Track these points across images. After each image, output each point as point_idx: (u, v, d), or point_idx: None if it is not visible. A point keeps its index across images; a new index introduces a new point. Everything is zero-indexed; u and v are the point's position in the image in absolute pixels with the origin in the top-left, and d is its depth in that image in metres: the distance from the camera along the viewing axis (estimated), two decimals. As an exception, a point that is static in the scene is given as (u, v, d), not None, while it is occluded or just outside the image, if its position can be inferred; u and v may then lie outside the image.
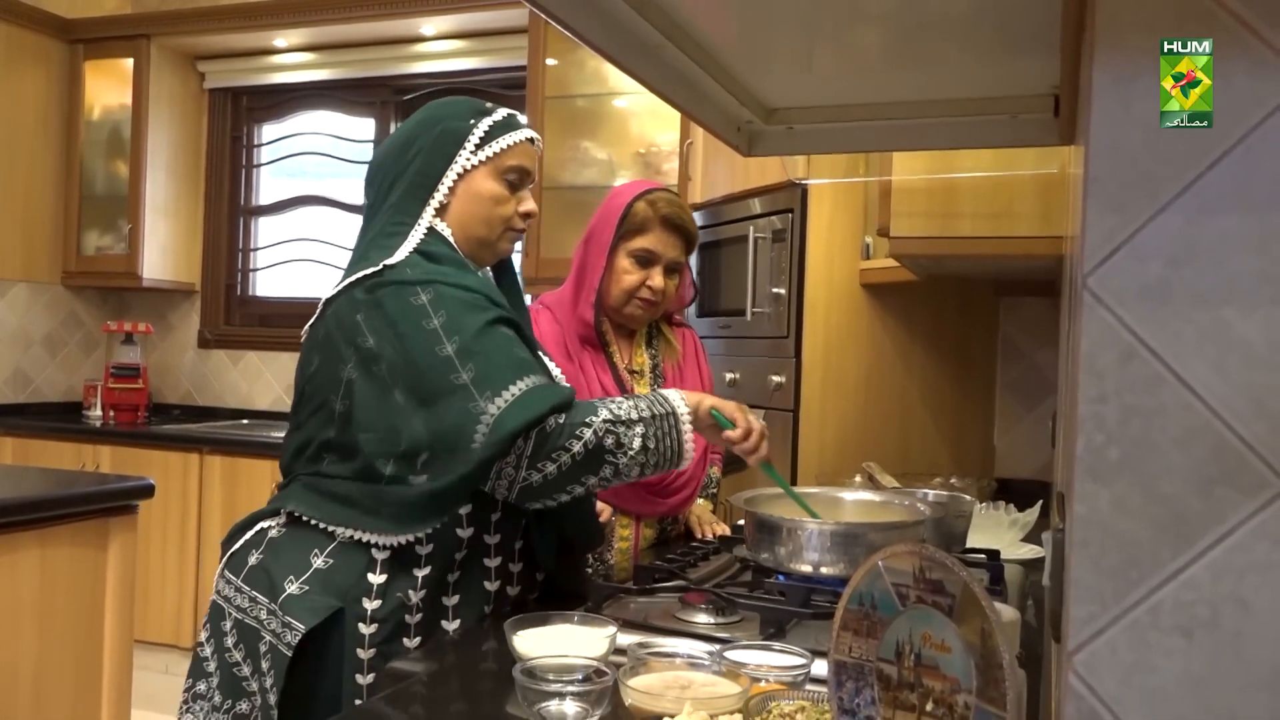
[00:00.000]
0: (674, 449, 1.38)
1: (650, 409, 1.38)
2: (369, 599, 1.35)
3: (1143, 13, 0.55)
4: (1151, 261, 0.54)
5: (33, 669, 2.03)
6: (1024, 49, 1.04)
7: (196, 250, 4.50)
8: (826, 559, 1.44)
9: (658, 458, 1.37)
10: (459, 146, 1.44)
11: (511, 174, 1.47)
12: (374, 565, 1.36)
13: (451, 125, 1.46)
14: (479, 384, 1.30)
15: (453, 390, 1.30)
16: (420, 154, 1.45)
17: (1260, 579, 0.52)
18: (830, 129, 1.31)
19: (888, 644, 0.74)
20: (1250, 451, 0.53)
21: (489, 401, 1.29)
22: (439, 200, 1.45)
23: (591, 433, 1.32)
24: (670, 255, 1.86)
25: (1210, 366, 0.53)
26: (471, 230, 1.47)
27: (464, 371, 1.30)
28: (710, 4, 0.95)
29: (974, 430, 2.66)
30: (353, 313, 1.37)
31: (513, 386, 1.30)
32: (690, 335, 2.08)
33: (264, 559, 1.41)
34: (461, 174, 1.45)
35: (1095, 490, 0.55)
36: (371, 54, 4.16)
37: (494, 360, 1.32)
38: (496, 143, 1.46)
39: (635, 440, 1.34)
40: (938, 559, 0.71)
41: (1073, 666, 0.55)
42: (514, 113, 1.52)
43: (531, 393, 1.31)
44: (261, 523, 1.46)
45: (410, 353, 1.33)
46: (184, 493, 3.72)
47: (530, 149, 1.50)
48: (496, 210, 1.47)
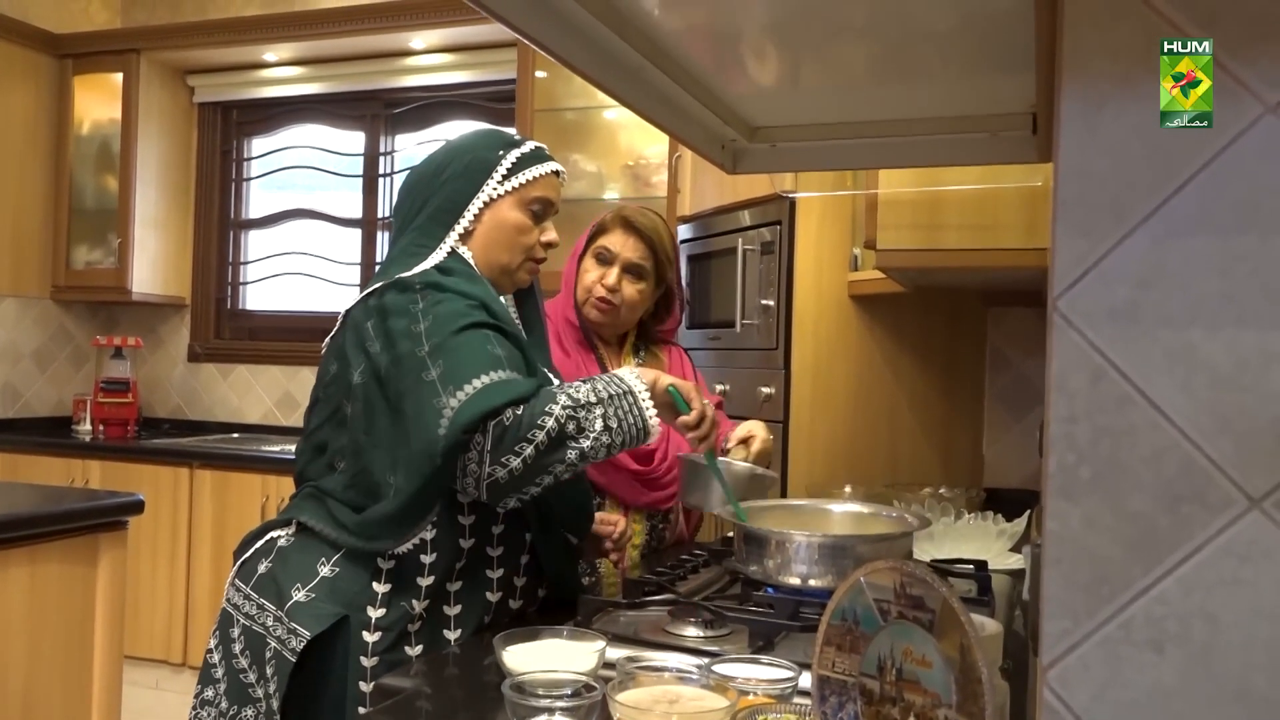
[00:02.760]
0: (638, 425, 1.40)
1: (607, 389, 1.39)
2: (373, 607, 1.39)
3: (1109, 41, 0.57)
4: (1119, 284, 0.56)
5: (22, 685, 2.02)
6: (1003, 67, 1.05)
7: (186, 264, 4.50)
8: (815, 571, 1.45)
9: (623, 435, 1.38)
10: (487, 176, 1.50)
11: (536, 204, 1.53)
12: (379, 574, 1.39)
13: (481, 155, 1.52)
14: (444, 379, 1.33)
15: (420, 386, 1.34)
16: (449, 181, 1.51)
17: (1228, 594, 0.54)
18: (814, 146, 1.33)
19: (870, 659, 0.75)
20: (1216, 470, 0.54)
21: (450, 396, 1.31)
22: (464, 226, 1.50)
23: (553, 420, 1.33)
24: (627, 255, 1.93)
25: (1177, 386, 0.55)
26: (493, 257, 1.52)
27: (433, 368, 1.34)
28: (691, 26, 0.97)
29: (963, 440, 2.68)
30: (365, 319, 1.43)
31: (475, 380, 1.32)
32: (678, 351, 2.13)
33: (273, 567, 1.45)
34: (488, 202, 1.51)
35: (1067, 508, 0.56)
36: (361, 68, 4.17)
37: (461, 356, 1.35)
38: (523, 174, 1.52)
39: (597, 422, 1.35)
40: (918, 575, 0.72)
41: (1047, 681, 0.56)
42: (542, 146, 1.58)
43: (492, 386, 1.33)
44: (272, 532, 1.50)
45: (396, 355, 1.37)
46: (174, 507, 3.72)
47: (555, 181, 1.57)
48: (519, 239, 1.52)
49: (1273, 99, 0.54)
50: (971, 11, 0.91)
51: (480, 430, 1.32)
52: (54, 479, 3.79)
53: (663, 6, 0.90)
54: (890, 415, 2.60)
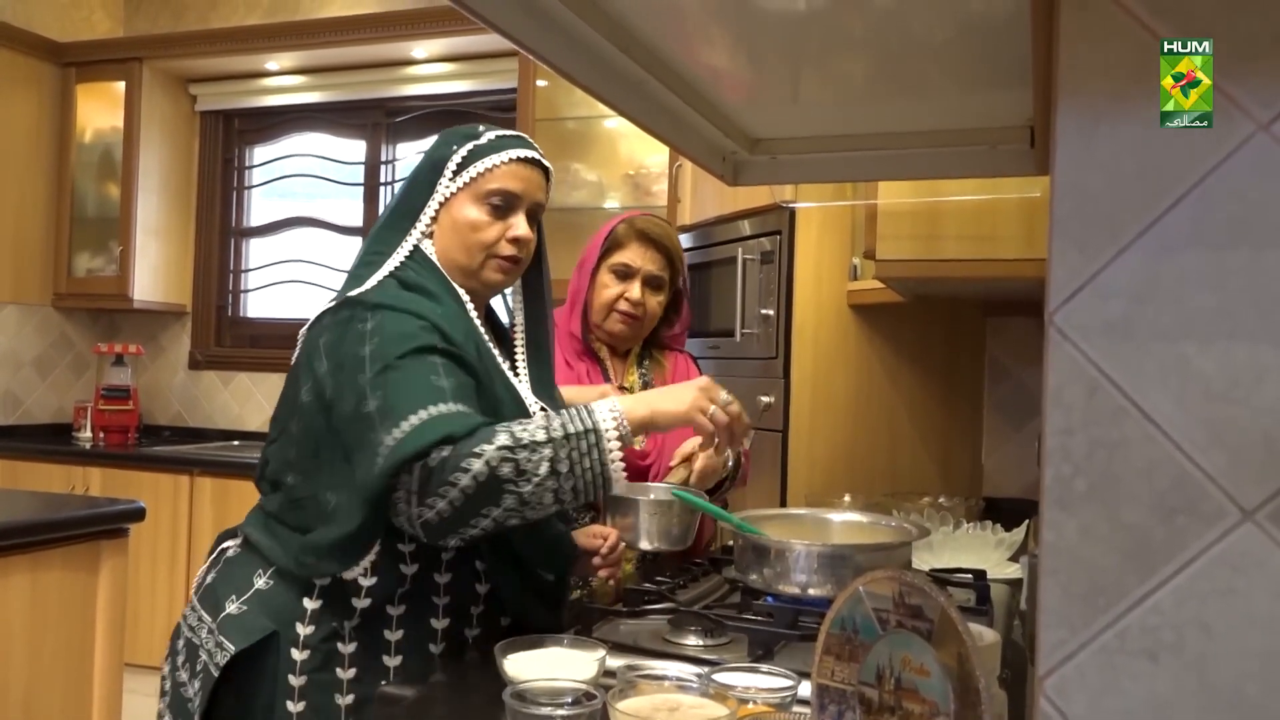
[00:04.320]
0: (595, 471, 1.23)
1: (565, 426, 1.24)
2: (302, 624, 1.33)
3: (1103, 58, 0.58)
4: (1114, 298, 0.57)
5: (23, 693, 2.03)
6: (1001, 82, 1.06)
7: (187, 272, 4.51)
8: (814, 580, 1.46)
9: (574, 481, 1.23)
10: (440, 173, 1.42)
11: (495, 198, 1.41)
12: (311, 590, 1.33)
13: (437, 153, 1.43)
14: (381, 412, 1.24)
15: (358, 419, 1.26)
16: (410, 184, 1.46)
17: (1221, 604, 0.54)
18: (813, 159, 1.34)
19: (869, 668, 0.76)
20: (1210, 481, 0.55)
21: (385, 432, 1.22)
22: (421, 230, 1.43)
23: (482, 463, 1.20)
24: (648, 268, 1.92)
25: (1171, 400, 0.55)
26: (452, 257, 1.43)
27: (371, 399, 1.25)
28: (693, 41, 0.98)
29: (962, 450, 2.68)
30: (317, 337, 1.37)
31: (412, 417, 1.22)
32: (684, 358, 2.12)
33: (215, 578, 1.42)
34: (442, 202, 1.42)
35: (1063, 519, 0.57)
36: (362, 77, 4.19)
37: (401, 387, 1.25)
38: (475, 166, 1.41)
39: (542, 465, 1.21)
40: (917, 584, 0.73)
41: (1044, 690, 0.57)
42: (512, 134, 1.45)
43: (426, 424, 1.22)
44: (226, 542, 1.48)
45: (339, 380, 1.30)
46: (174, 514, 3.72)
47: (518, 170, 1.42)
48: (474, 237, 1.41)
49: (1264, 117, 0.55)
50: (969, 27, 0.93)
51: (407, 470, 1.22)
52: (54, 486, 3.79)
53: (664, 21, 0.92)
54: (889, 425, 2.60)
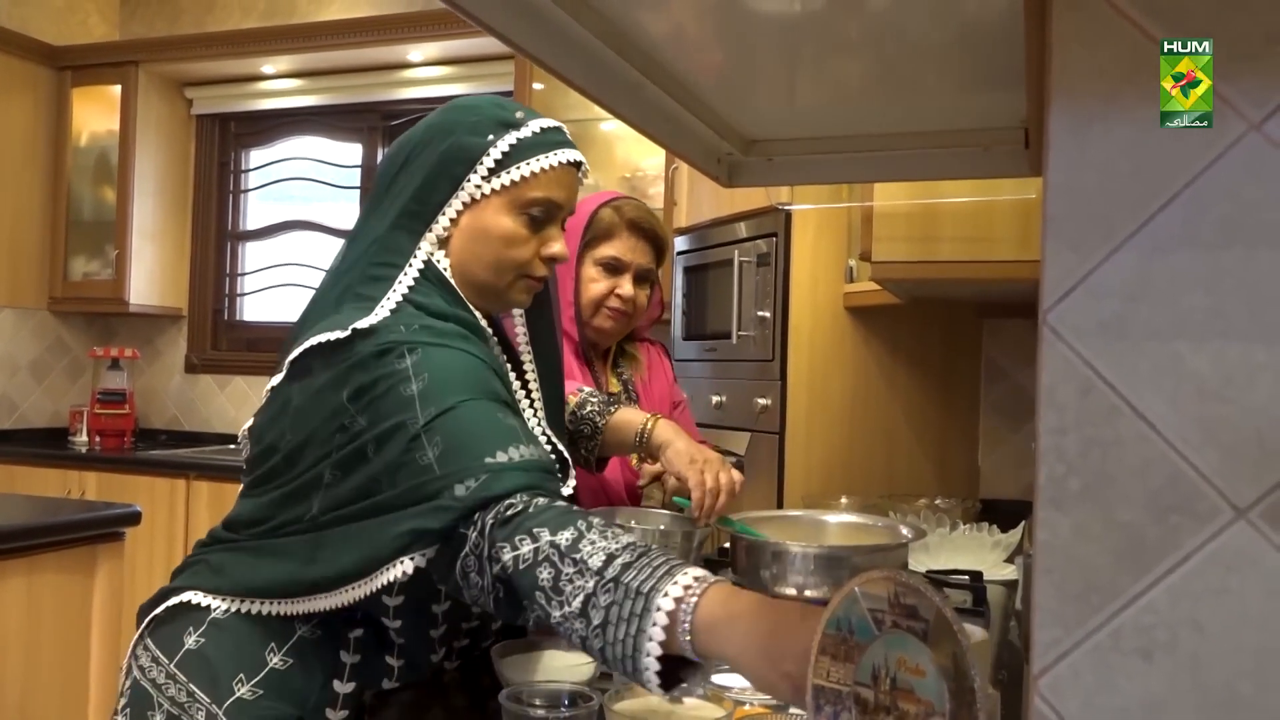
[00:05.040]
0: (626, 651, 0.89)
1: (624, 567, 0.92)
2: (334, 710, 1.15)
3: (1097, 60, 0.58)
4: (1108, 298, 0.57)
5: (19, 697, 2.02)
6: (995, 83, 1.07)
7: (184, 275, 4.51)
8: (811, 582, 1.46)
9: (602, 643, 0.91)
10: (470, 168, 1.16)
11: (536, 208, 1.18)
12: (341, 672, 1.16)
13: (465, 140, 1.16)
14: (443, 460, 1.02)
15: (412, 467, 1.03)
16: (423, 170, 1.17)
17: (1215, 603, 0.54)
18: (809, 160, 1.34)
19: (864, 668, 0.76)
20: (1203, 480, 0.55)
21: (456, 481, 1.01)
22: (438, 234, 1.18)
23: (531, 550, 0.95)
24: (640, 262, 1.80)
25: (1165, 399, 0.56)
26: (473, 273, 1.19)
27: (429, 449, 1.03)
28: (689, 43, 0.98)
29: (958, 451, 2.69)
30: (334, 386, 1.09)
31: (488, 459, 1.02)
32: (656, 350, 2.03)
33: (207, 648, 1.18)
34: (469, 203, 1.17)
35: (1057, 519, 0.57)
36: (359, 80, 4.19)
37: (467, 431, 1.04)
38: (518, 168, 1.16)
39: (577, 598, 0.92)
40: (912, 584, 0.73)
41: (1038, 689, 0.57)
42: (554, 126, 1.22)
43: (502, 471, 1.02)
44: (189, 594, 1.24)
45: (381, 432, 1.06)
46: (170, 518, 3.71)
47: (564, 176, 1.20)
48: (508, 253, 1.18)
49: (1256, 116, 0.55)
50: (964, 28, 0.93)
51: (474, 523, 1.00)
52: (50, 490, 3.78)
53: (660, 24, 0.92)
54: (886, 426, 2.61)
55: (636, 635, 0.88)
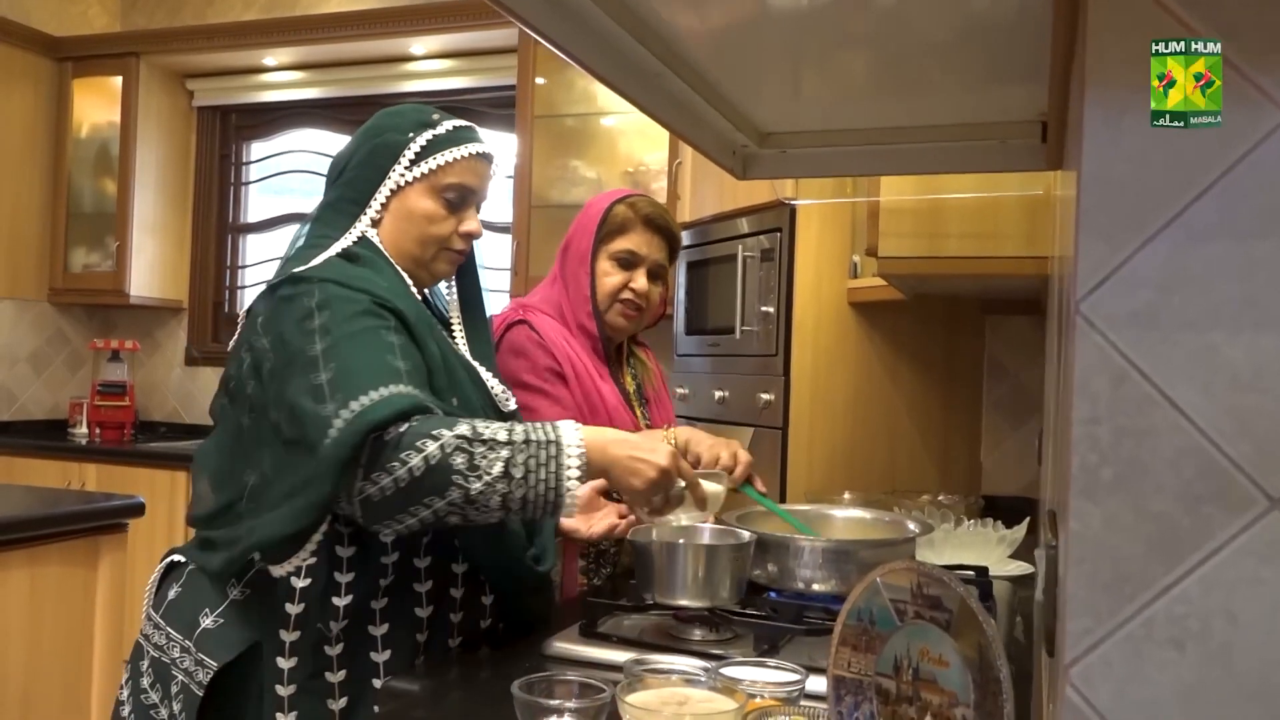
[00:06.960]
0: (549, 485, 1.19)
1: (527, 434, 1.21)
2: (287, 630, 1.28)
3: (1131, 49, 0.58)
4: (1141, 288, 0.57)
5: (22, 688, 2.02)
6: (1011, 76, 1.06)
7: (184, 267, 4.50)
8: (819, 576, 1.46)
9: (525, 490, 1.18)
10: (394, 160, 1.39)
11: (450, 192, 1.40)
12: (292, 595, 1.27)
13: (389, 138, 1.40)
14: (333, 386, 1.20)
15: (304, 391, 1.21)
16: (355, 166, 1.41)
17: (1248, 593, 0.54)
18: (823, 153, 1.34)
19: (886, 659, 0.76)
20: (1237, 470, 0.55)
21: (340, 405, 1.18)
22: (371, 216, 1.40)
23: (436, 447, 1.16)
24: (654, 257, 1.81)
25: (1198, 389, 0.55)
26: (404, 248, 1.40)
27: (323, 371, 1.21)
28: (711, 34, 0.98)
29: (961, 448, 2.69)
30: (255, 317, 1.34)
31: (371, 392, 1.19)
32: (648, 353, 2.02)
33: (181, 594, 1.37)
34: (395, 190, 1.39)
35: (1089, 509, 0.57)
36: (360, 73, 4.18)
37: (356, 362, 1.22)
38: (434, 158, 1.39)
39: (495, 465, 1.17)
40: (935, 575, 0.73)
41: (1069, 679, 0.57)
42: (465, 125, 1.44)
43: (387, 399, 1.19)
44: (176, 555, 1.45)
45: (286, 354, 1.26)
46: (170, 510, 3.70)
47: (475, 165, 1.42)
48: (430, 230, 1.40)
49: (1292, 108, 0.55)
50: (982, 21, 0.93)
51: (363, 444, 1.18)
52: (50, 482, 3.78)
53: (682, 14, 0.91)
54: (889, 422, 2.61)
55: (557, 472, 1.20)
